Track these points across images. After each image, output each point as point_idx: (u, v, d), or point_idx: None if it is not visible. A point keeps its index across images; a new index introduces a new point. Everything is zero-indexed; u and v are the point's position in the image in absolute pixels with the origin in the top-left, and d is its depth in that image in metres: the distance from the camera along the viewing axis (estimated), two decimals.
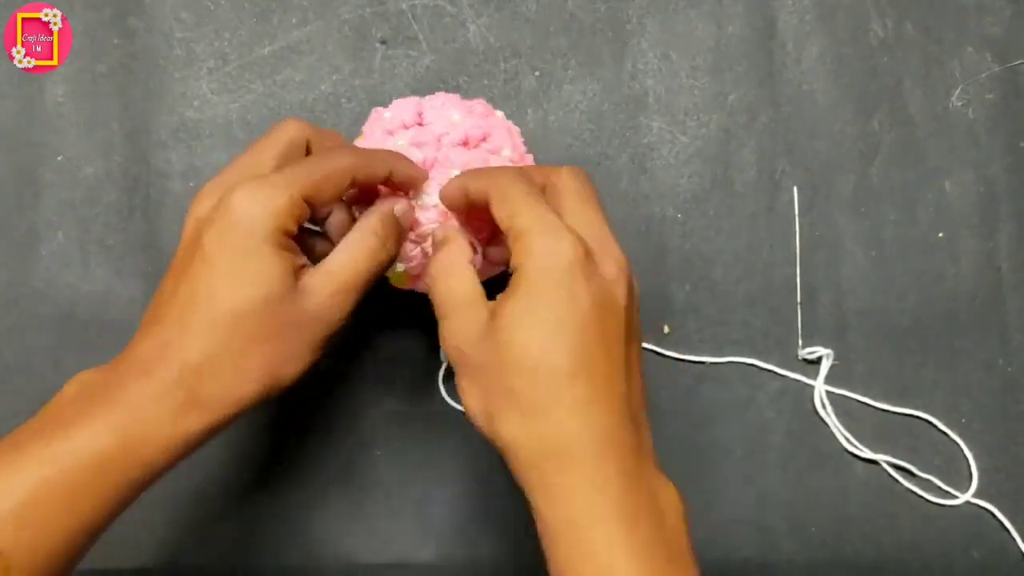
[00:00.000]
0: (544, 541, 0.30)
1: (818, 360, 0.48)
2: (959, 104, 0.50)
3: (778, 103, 0.50)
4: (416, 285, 0.43)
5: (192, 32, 0.49)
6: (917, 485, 0.47)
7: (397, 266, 0.41)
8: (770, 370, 0.48)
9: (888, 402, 0.48)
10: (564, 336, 0.30)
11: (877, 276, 0.49)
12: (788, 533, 0.47)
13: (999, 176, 0.50)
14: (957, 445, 0.48)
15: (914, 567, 0.47)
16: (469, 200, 0.35)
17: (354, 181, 0.35)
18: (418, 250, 0.40)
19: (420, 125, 0.40)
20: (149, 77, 0.49)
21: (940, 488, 0.47)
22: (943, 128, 0.50)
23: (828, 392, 0.48)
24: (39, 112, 0.49)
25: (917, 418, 0.48)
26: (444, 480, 0.47)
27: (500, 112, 0.43)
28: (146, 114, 0.49)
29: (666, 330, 0.48)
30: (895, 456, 0.47)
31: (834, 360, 0.48)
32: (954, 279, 0.49)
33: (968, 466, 0.48)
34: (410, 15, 0.50)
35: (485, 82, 0.50)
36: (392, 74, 0.49)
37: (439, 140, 0.40)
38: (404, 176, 0.37)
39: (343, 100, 0.49)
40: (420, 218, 0.39)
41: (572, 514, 0.29)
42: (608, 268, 0.32)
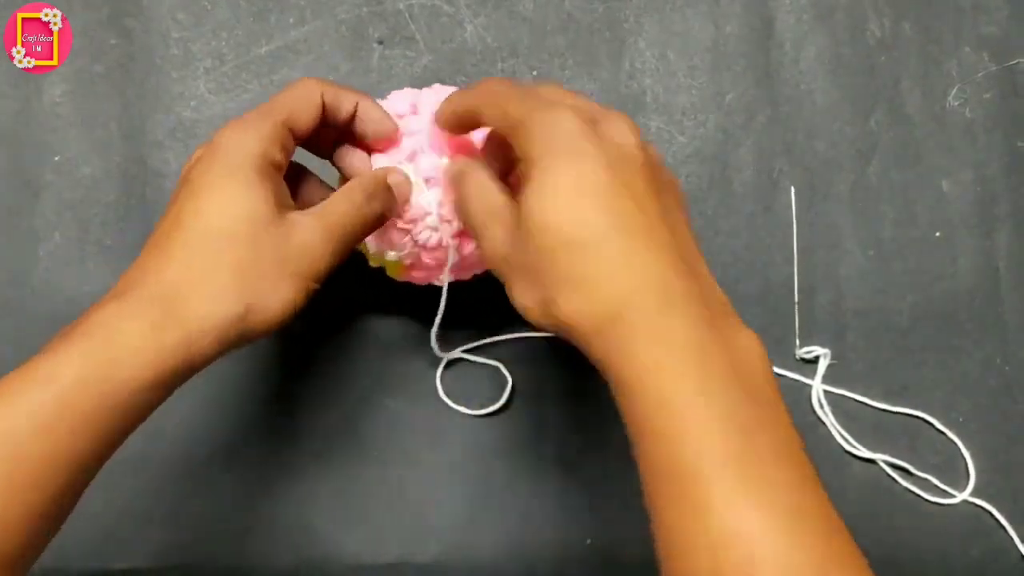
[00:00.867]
0: (620, 403, 0.29)
1: (816, 360, 0.48)
2: (957, 103, 0.50)
3: (776, 103, 0.50)
4: (412, 276, 0.42)
5: (189, 32, 0.49)
6: (915, 484, 0.47)
7: (389, 255, 0.41)
8: None
9: (886, 401, 0.48)
10: (586, 200, 0.29)
11: (875, 275, 0.49)
12: None
13: (997, 175, 0.50)
14: (955, 444, 0.48)
15: (912, 566, 0.47)
16: (461, 118, 0.35)
17: (325, 105, 0.36)
18: (408, 238, 0.40)
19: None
20: (146, 77, 0.49)
21: (938, 487, 0.47)
22: (941, 127, 0.50)
23: (826, 391, 0.48)
24: (36, 112, 0.49)
25: (915, 417, 0.48)
26: (444, 480, 0.47)
27: None
28: (143, 114, 0.49)
29: None
30: (893, 455, 0.47)
31: (832, 360, 0.48)
32: (952, 278, 0.49)
33: (966, 465, 0.48)
34: (407, 15, 0.50)
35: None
36: (389, 74, 0.49)
37: (430, 128, 0.39)
38: (371, 114, 0.37)
39: None
40: (408, 203, 0.39)
41: (638, 371, 0.28)
42: (614, 131, 0.31)
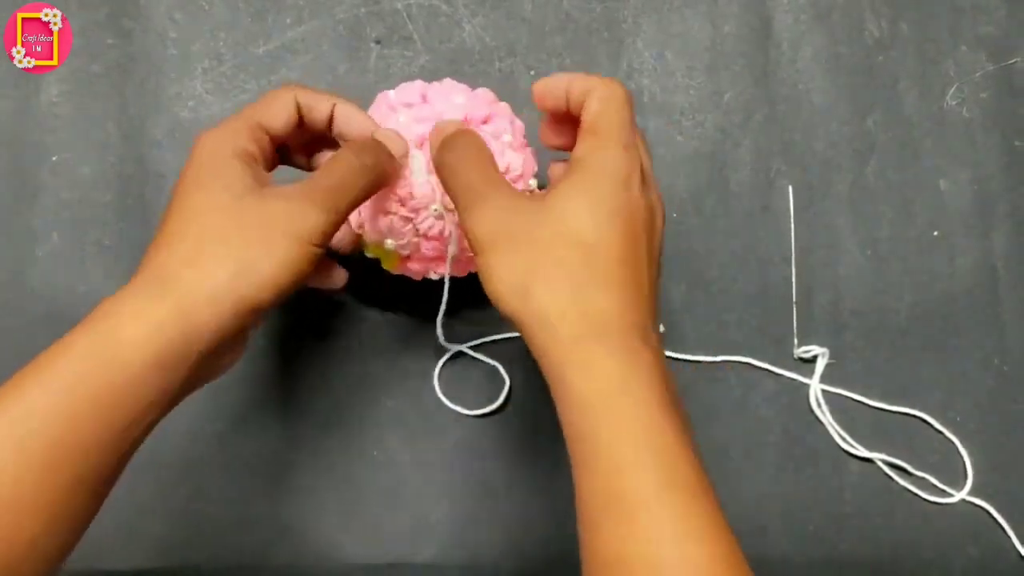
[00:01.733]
0: (569, 415, 0.30)
1: (814, 359, 0.48)
2: (954, 103, 0.50)
3: (774, 102, 0.50)
4: (408, 270, 0.42)
5: (187, 32, 0.49)
6: (913, 483, 0.47)
7: (387, 243, 0.40)
8: (766, 369, 0.48)
9: (884, 400, 0.48)
10: (617, 225, 0.32)
11: (873, 275, 0.49)
12: (784, 531, 0.47)
13: (994, 175, 0.50)
14: (952, 443, 0.48)
15: (910, 565, 0.47)
16: (565, 102, 0.35)
17: (300, 106, 0.37)
18: (410, 227, 0.39)
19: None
20: (144, 77, 0.49)
21: (936, 486, 0.48)
22: (938, 127, 0.50)
23: (824, 391, 0.48)
24: (34, 112, 0.49)
25: (913, 416, 0.48)
26: (443, 480, 0.47)
27: (505, 104, 0.43)
28: (141, 114, 0.49)
29: (662, 329, 0.48)
30: (891, 454, 0.47)
31: (830, 359, 0.48)
32: (950, 278, 0.49)
33: (963, 464, 0.48)
34: (405, 15, 0.50)
35: (481, 82, 0.49)
36: (387, 74, 0.49)
37: (440, 117, 0.39)
38: (349, 114, 0.38)
39: None
40: (413, 190, 0.38)
41: (606, 385, 0.29)
42: (653, 195, 0.34)
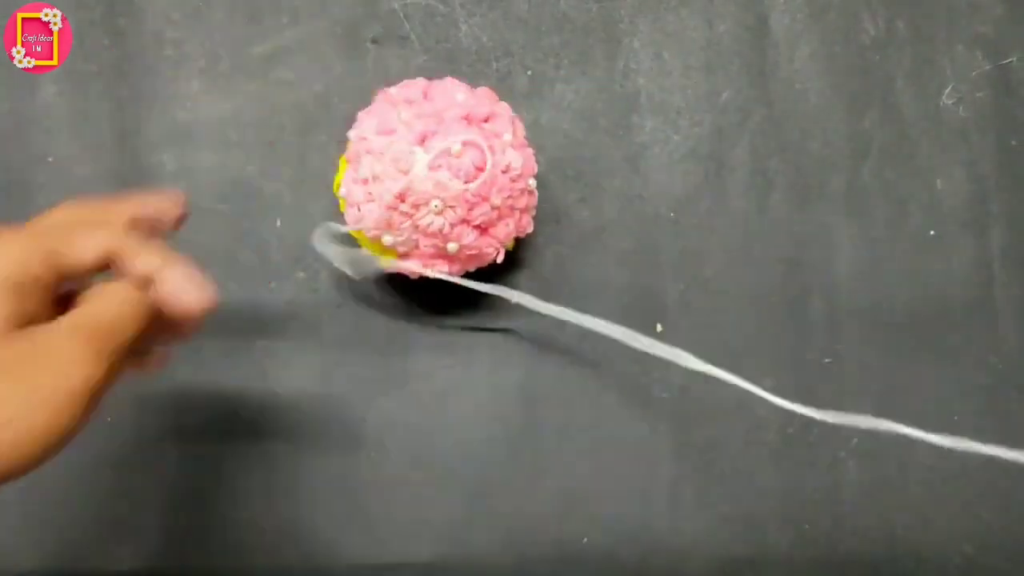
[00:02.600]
0: None
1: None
2: (950, 102, 0.51)
3: (770, 102, 0.50)
4: (404, 267, 0.41)
5: (183, 32, 0.49)
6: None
7: (386, 238, 0.39)
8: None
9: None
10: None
11: (869, 274, 0.49)
12: (782, 530, 0.47)
13: (990, 174, 0.50)
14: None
15: (908, 564, 0.47)
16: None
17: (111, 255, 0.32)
18: (409, 222, 0.38)
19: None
20: (140, 78, 0.49)
21: (934, 486, 0.48)
22: (935, 126, 0.50)
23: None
24: (29, 113, 0.48)
25: (910, 416, 0.48)
26: (443, 480, 0.47)
27: (505, 103, 0.43)
28: (137, 115, 0.49)
29: (659, 329, 0.48)
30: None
31: (826, 358, 0.48)
32: (946, 277, 0.49)
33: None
34: (402, 14, 0.50)
35: (478, 81, 0.49)
36: (384, 74, 0.49)
37: (441, 114, 0.39)
38: (177, 282, 0.32)
39: (335, 100, 0.49)
40: (412, 186, 0.38)
41: None
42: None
